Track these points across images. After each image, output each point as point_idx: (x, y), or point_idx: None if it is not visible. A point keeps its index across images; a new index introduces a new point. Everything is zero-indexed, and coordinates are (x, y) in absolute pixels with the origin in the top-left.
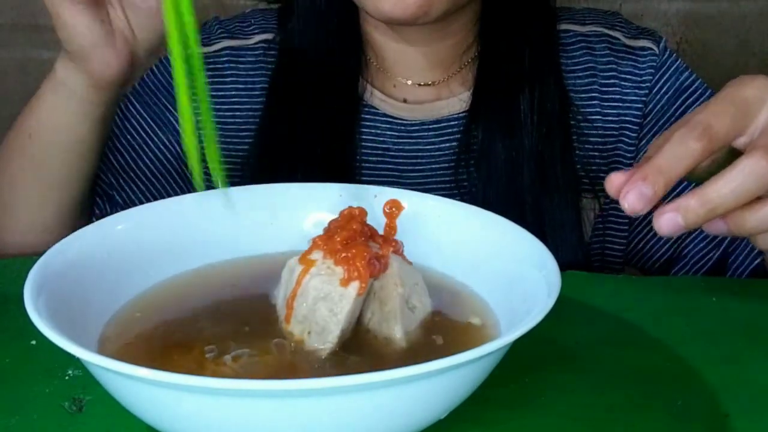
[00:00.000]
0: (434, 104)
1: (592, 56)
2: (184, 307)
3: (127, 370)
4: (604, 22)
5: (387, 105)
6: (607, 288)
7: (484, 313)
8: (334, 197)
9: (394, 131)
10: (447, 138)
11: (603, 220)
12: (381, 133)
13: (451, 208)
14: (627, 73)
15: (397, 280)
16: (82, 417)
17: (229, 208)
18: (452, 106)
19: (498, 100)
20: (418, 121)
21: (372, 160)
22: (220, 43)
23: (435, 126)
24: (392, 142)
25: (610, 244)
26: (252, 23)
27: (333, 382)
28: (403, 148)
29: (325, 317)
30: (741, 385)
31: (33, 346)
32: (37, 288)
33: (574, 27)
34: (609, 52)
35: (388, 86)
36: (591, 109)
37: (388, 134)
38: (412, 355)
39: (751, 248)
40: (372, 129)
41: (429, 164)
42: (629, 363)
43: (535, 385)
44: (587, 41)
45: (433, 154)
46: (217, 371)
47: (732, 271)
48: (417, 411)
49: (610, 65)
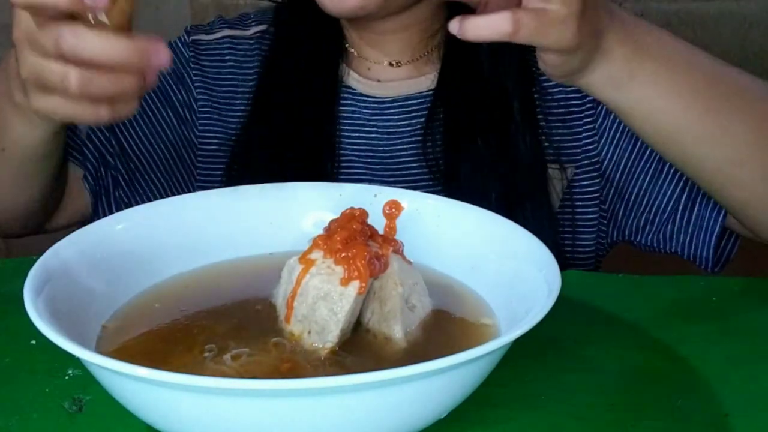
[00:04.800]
0: (404, 82)
1: None
2: (184, 307)
3: (127, 370)
4: None
5: (362, 85)
6: (607, 288)
7: (484, 313)
8: (334, 197)
9: (369, 108)
10: (416, 113)
11: (570, 191)
12: (357, 111)
13: (451, 207)
14: None
15: (396, 280)
16: (82, 417)
17: None
18: (420, 84)
19: (462, 75)
20: (389, 98)
21: (351, 135)
22: (221, 32)
23: (405, 103)
24: (366, 118)
25: (580, 214)
26: (251, 18)
27: (333, 382)
28: (376, 123)
29: (325, 316)
30: (741, 385)
31: (33, 346)
32: (37, 288)
33: None
34: None
35: (363, 69)
36: (550, 82)
37: (364, 111)
38: (412, 354)
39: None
40: (350, 107)
41: (400, 138)
42: (629, 363)
43: (535, 385)
44: None
45: (403, 129)
46: (216, 371)
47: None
48: (417, 411)
49: None
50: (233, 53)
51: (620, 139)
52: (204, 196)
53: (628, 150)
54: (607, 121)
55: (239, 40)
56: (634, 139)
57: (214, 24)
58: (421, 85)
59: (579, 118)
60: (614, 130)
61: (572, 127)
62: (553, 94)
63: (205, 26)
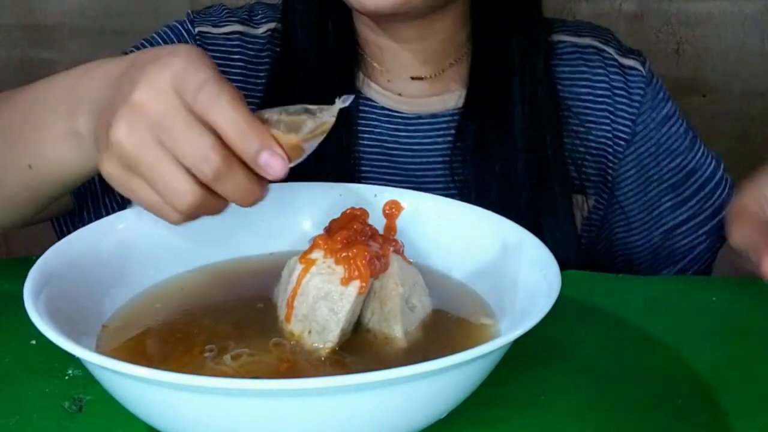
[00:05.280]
0: (430, 99)
1: (587, 67)
2: (184, 307)
3: (127, 370)
4: (599, 36)
5: (385, 98)
6: (607, 288)
7: (484, 313)
8: (334, 197)
9: (392, 124)
10: (443, 132)
11: (588, 221)
12: (379, 125)
13: (451, 207)
14: (619, 89)
15: (397, 280)
16: (82, 417)
17: None
18: (448, 102)
19: (491, 95)
20: (415, 114)
21: (369, 151)
22: (230, 26)
23: (431, 120)
24: (389, 134)
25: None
26: (260, 13)
27: (333, 382)
28: (399, 140)
29: (325, 316)
30: (741, 385)
31: (33, 345)
32: (37, 288)
33: (571, 38)
34: (602, 65)
35: (383, 81)
36: (585, 117)
37: (386, 126)
38: (412, 354)
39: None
40: (370, 121)
41: (425, 157)
42: (629, 363)
43: (535, 385)
44: (582, 53)
45: (428, 148)
46: (216, 371)
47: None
48: (417, 411)
49: (603, 77)
50: (243, 52)
51: (635, 190)
52: None
53: (633, 201)
54: (632, 171)
55: (250, 38)
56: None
57: (220, 14)
58: (448, 102)
59: (604, 156)
60: (634, 179)
61: (598, 163)
62: (586, 125)
63: (209, 16)
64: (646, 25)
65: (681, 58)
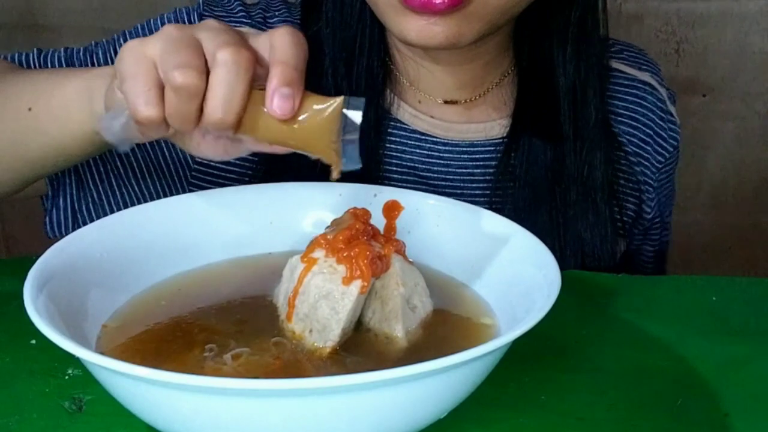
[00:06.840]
0: (469, 126)
1: (640, 107)
2: (184, 307)
3: (127, 370)
4: (656, 73)
5: (418, 120)
6: (607, 288)
7: (484, 313)
8: (334, 197)
9: (424, 149)
10: (482, 163)
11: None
12: (409, 150)
13: (452, 207)
14: (659, 137)
15: (398, 280)
16: (82, 417)
17: None
18: (489, 131)
19: (538, 125)
20: (452, 141)
21: (396, 176)
22: (243, 27)
23: (470, 150)
24: (420, 160)
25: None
26: (275, 15)
27: (333, 382)
28: (430, 167)
29: (326, 315)
30: (741, 385)
31: (33, 345)
32: (37, 288)
33: (630, 70)
34: (653, 108)
35: (413, 101)
36: (625, 159)
37: (417, 151)
38: (413, 354)
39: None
40: (399, 144)
41: (460, 186)
42: (629, 363)
43: (535, 385)
44: (639, 89)
45: (464, 178)
46: (216, 370)
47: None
48: (417, 410)
49: (651, 122)
50: None
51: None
52: (204, 196)
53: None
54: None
55: None
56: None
57: (232, 11)
58: (491, 131)
59: (638, 202)
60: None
61: (635, 206)
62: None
63: (220, 12)
64: (646, 25)
65: (681, 58)
